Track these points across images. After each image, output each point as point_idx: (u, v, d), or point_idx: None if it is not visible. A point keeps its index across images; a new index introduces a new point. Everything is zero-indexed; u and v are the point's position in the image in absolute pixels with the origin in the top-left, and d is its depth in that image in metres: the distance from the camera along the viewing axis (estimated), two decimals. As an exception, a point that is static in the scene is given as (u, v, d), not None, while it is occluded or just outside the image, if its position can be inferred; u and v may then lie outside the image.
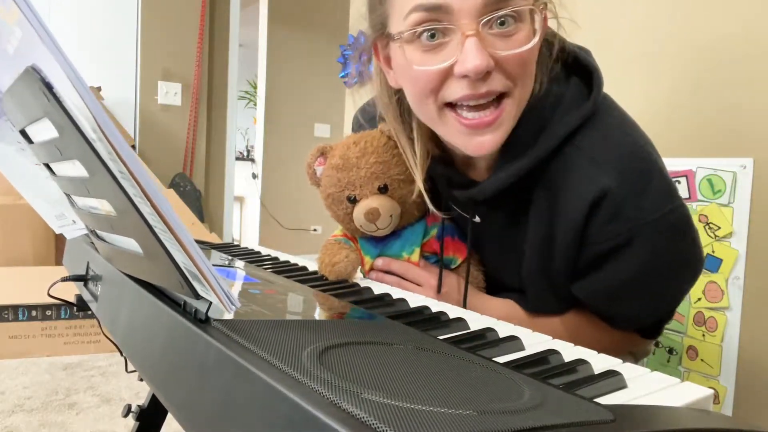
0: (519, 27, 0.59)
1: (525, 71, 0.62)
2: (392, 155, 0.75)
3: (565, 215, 0.66)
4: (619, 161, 0.64)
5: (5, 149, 0.59)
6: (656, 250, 0.65)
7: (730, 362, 1.04)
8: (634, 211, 0.63)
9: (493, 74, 0.60)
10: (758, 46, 1.00)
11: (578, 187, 0.64)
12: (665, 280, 0.68)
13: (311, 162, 0.81)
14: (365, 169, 0.74)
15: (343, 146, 0.78)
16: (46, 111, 0.37)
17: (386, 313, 0.54)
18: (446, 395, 0.31)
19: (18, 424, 1.43)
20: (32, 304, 1.92)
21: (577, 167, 0.65)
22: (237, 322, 0.41)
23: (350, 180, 0.75)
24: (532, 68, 0.63)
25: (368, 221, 0.74)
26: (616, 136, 0.66)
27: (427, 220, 0.79)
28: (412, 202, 0.75)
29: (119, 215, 0.42)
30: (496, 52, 0.59)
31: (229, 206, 3.66)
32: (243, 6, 3.77)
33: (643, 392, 0.38)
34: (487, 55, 0.58)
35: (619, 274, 0.67)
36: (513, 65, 0.60)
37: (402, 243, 0.77)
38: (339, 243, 0.78)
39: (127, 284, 0.53)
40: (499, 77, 0.60)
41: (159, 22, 3.17)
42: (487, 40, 0.58)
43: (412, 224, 0.78)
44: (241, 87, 4.26)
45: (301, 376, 0.31)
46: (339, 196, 0.76)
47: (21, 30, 0.30)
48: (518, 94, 0.62)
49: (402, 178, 0.75)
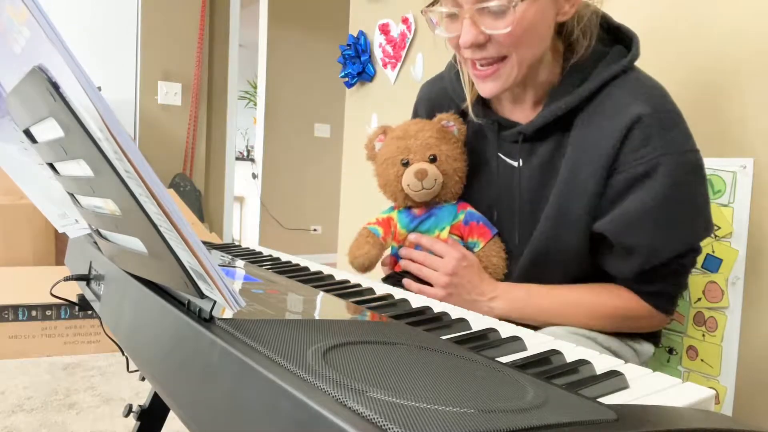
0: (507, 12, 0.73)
1: (518, 41, 0.75)
2: (444, 136, 0.89)
3: (599, 146, 0.76)
4: (654, 96, 0.76)
5: (9, 149, 0.60)
6: (677, 182, 0.73)
7: (730, 362, 1.04)
8: (661, 141, 0.73)
9: (487, 45, 0.76)
10: (759, 46, 1.00)
11: (615, 114, 0.76)
12: (682, 213, 0.76)
13: (372, 138, 0.94)
14: (422, 139, 0.88)
15: (404, 124, 0.93)
16: (51, 111, 0.37)
17: (389, 313, 0.54)
18: (451, 394, 0.31)
19: (18, 424, 1.43)
20: (32, 304, 1.92)
21: (615, 98, 0.77)
22: (241, 321, 0.41)
23: (407, 146, 0.88)
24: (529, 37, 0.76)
25: (417, 179, 0.85)
26: (650, 81, 0.80)
27: (458, 206, 0.90)
28: (453, 179, 0.88)
29: (124, 214, 0.42)
30: (487, 30, 0.75)
31: (229, 206, 3.66)
32: (243, 6, 3.77)
33: (645, 392, 0.39)
34: (476, 32, 0.75)
35: (640, 201, 0.74)
36: (503, 39, 0.75)
37: (435, 221, 0.88)
38: (369, 234, 0.90)
39: (130, 283, 0.53)
40: (493, 47, 0.76)
41: (159, 22, 3.17)
42: (481, 20, 0.75)
43: (447, 206, 0.89)
44: (241, 87, 4.26)
45: (307, 375, 0.31)
46: (395, 160, 0.88)
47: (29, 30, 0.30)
48: (515, 57, 0.77)
49: (450, 155, 0.88)
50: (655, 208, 0.74)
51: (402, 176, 0.87)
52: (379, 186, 0.92)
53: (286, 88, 4.38)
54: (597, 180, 0.76)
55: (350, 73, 2.15)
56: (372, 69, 2.10)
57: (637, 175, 0.74)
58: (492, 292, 0.82)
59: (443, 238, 0.87)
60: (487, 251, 0.87)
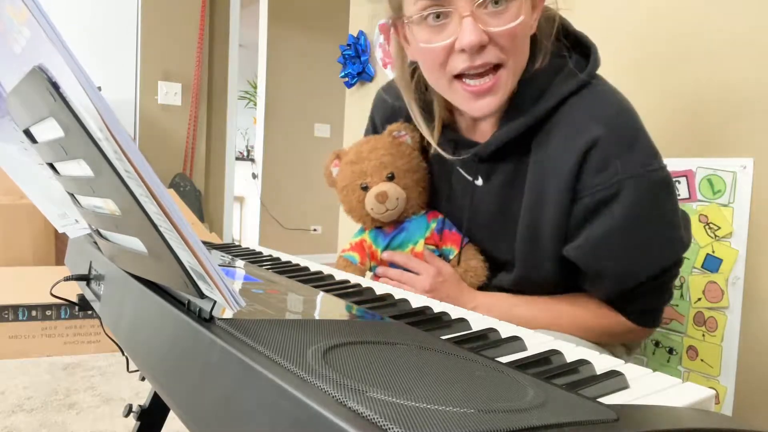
0: (509, 6, 0.70)
1: (516, 44, 0.72)
2: (397, 151, 0.87)
3: (558, 170, 0.73)
4: (609, 116, 0.72)
5: (8, 148, 0.60)
6: (643, 203, 0.71)
7: (730, 362, 1.04)
8: (622, 163, 0.70)
9: (487, 48, 0.71)
10: (759, 45, 1.00)
11: (570, 138, 0.73)
12: (650, 235, 0.73)
13: (328, 164, 0.94)
14: (375, 160, 0.86)
15: (355, 146, 0.90)
16: (51, 111, 0.37)
17: (389, 313, 0.54)
18: (451, 394, 0.31)
19: (18, 424, 1.43)
20: (32, 304, 1.92)
21: (570, 122, 0.74)
22: (241, 321, 0.41)
23: (362, 170, 0.87)
24: (524, 42, 0.74)
25: (378, 202, 0.84)
26: (608, 98, 0.75)
27: (428, 216, 0.89)
28: (415, 191, 0.87)
29: (124, 214, 0.42)
30: (489, 29, 0.70)
31: (229, 206, 3.66)
32: (243, 6, 3.77)
33: (645, 392, 0.39)
34: (481, 31, 0.69)
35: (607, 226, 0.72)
36: (505, 39, 0.71)
37: (407, 235, 0.88)
38: (347, 264, 0.91)
39: (130, 283, 0.53)
40: (493, 50, 0.71)
41: (159, 22, 3.17)
42: (481, 19, 0.70)
43: (416, 218, 0.89)
44: (241, 87, 4.27)
45: (307, 375, 0.31)
46: (353, 185, 0.87)
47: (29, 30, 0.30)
48: (512, 65, 0.73)
49: (406, 169, 0.86)
50: (621, 233, 0.72)
51: (364, 201, 0.86)
52: (345, 212, 0.92)
53: (286, 88, 4.38)
54: (561, 206, 0.74)
55: (350, 73, 2.15)
56: (372, 69, 2.10)
57: (600, 201, 0.71)
58: (471, 302, 0.81)
59: (418, 251, 0.86)
60: (465, 255, 0.86)
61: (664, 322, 1.15)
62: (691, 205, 1.10)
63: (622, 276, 0.74)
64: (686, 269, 1.11)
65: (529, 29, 0.74)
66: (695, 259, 1.09)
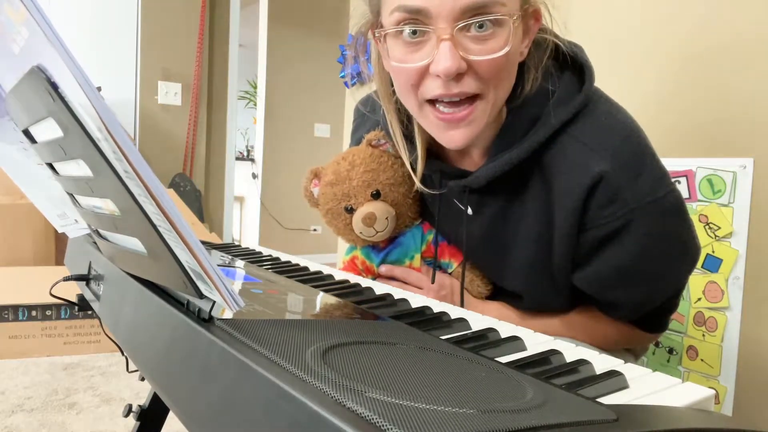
0: (496, 32, 0.62)
1: (499, 75, 0.64)
2: (379, 163, 0.80)
3: (563, 202, 0.68)
4: (613, 146, 0.66)
5: (7, 149, 0.60)
6: (654, 233, 0.67)
7: (730, 362, 1.04)
8: (630, 194, 0.65)
9: (466, 76, 0.63)
10: (759, 46, 1.00)
11: (574, 174, 0.67)
12: (664, 264, 0.70)
13: (307, 185, 0.86)
14: (357, 179, 0.79)
15: (333, 164, 0.83)
16: (50, 111, 0.37)
17: (388, 313, 0.54)
18: (450, 394, 0.31)
19: (18, 424, 1.43)
20: (32, 304, 1.92)
21: (572, 154, 0.67)
22: (240, 321, 0.41)
23: (345, 192, 0.79)
24: (508, 72, 0.66)
25: (366, 226, 0.78)
26: (609, 123, 0.68)
27: (423, 227, 0.83)
28: (405, 203, 0.80)
29: (123, 215, 0.42)
30: (469, 56, 0.62)
31: (229, 206, 3.66)
32: (243, 6, 3.77)
33: (644, 392, 0.38)
34: (459, 58, 0.61)
35: (618, 259, 0.68)
36: (486, 69, 0.63)
37: (403, 250, 0.82)
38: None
39: (129, 284, 0.53)
40: (472, 80, 0.63)
41: (159, 22, 3.17)
42: (462, 44, 0.61)
43: (410, 230, 0.83)
44: (241, 87, 4.26)
45: (306, 375, 0.31)
46: (337, 209, 0.81)
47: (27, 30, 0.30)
48: (492, 96, 0.66)
49: (392, 182, 0.79)
50: (633, 265, 0.68)
51: (351, 224, 0.80)
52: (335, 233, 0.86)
53: (286, 88, 4.38)
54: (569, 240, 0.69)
55: (350, 73, 2.15)
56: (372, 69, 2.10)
57: (609, 233, 0.67)
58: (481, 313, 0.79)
59: (416, 267, 0.82)
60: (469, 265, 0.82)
61: (664, 322, 1.15)
62: (691, 205, 1.10)
63: (638, 305, 0.73)
64: (686, 269, 1.11)
65: (518, 57, 0.67)
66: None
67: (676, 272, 0.73)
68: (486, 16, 0.61)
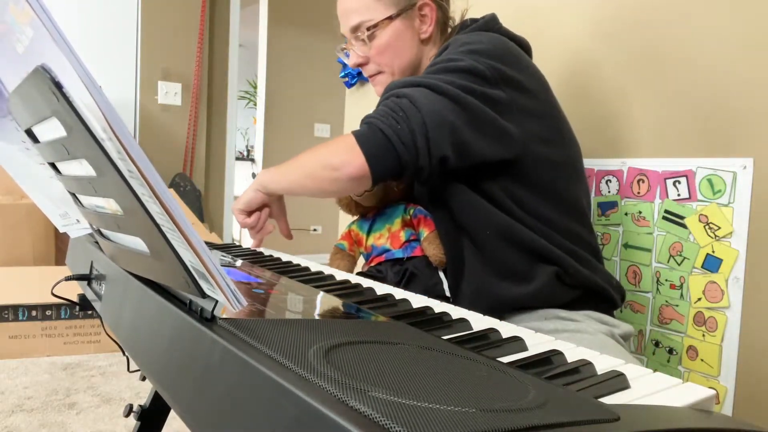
0: (374, 35, 0.98)
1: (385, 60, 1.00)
2: None
3: None
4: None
5: (9, 148, 0.60)
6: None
7: (730, 362, 1.04)
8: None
9: (367, 64, 1.02)
10: (759, 45, 1.00)
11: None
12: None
13: None
14: None
15: None
16: (54, 110, 0.37)
17: (389, 313, 0.54)
18: (452, 394, 0.31)
19: (18, 424, 1.43)
20: (32, 304, 1.92)
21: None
22: (243, 320, 0.41)
23: None
24: (390, 56, 1.00)
25: None
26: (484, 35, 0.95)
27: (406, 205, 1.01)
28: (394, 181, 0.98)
29: (126, 214, 0.42)
30: (360, 55, 1.02)
31: (229, 206, 3.66)
32: (243, 6, 3.77)
33: (645, 392, 0.39)
34: (356, 56, 1.02)
35: None
36: (375, 59, 1.00)
37: (386, 218, 1.01)
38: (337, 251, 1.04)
39: (131, 283, 0.53)
40: (371, 66, 1.02)
41: (159, 22, 3.17)
42: (358, 46, 1.01)
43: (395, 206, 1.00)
44: (241, 87, 4.26)
45: (308, 374, 0.31)
46: None
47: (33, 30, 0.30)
48: (389, 70, 1.01)
49: None
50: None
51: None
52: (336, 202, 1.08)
53: (286, 88, 4.38)
54: None
55: (350, 73, 2.15)
56: (372, 69, 2.10)
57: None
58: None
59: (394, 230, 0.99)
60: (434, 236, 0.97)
61: (664, 321, 1.15)
62: (691, 205, 1.10)
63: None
64: (686, 269, 1.11)
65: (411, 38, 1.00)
66: (695, 258, 1.09)
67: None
68: (361, 32, 0.99)
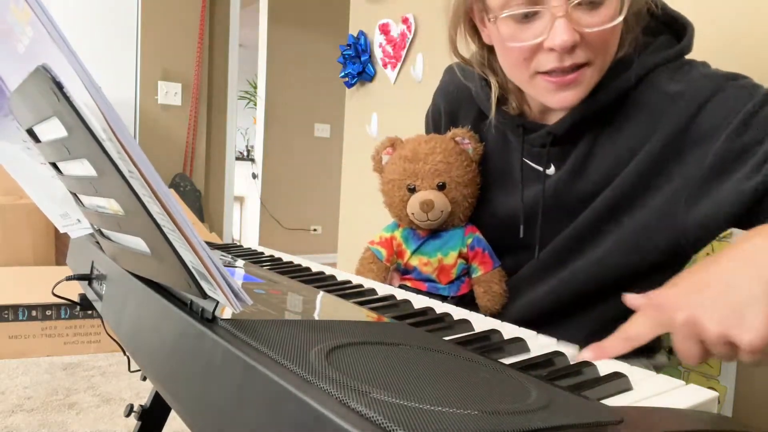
0: (606, 3, 0.66)
1: (607, 44, 0.69)
2: (456, 159, 0.83)
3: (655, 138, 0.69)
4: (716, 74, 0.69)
5: (10, 148, 0.60)
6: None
7: (730, 362, 1.04)
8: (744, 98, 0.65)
9: (578, 48, 0.67)
10: (759, 45, 1.00)
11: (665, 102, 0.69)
12: None
13: (380, 149, 0.89)
14: (431, 165, 0.82)
15: (414, 141, 0.86)
16: (55, 110, 0.37)
17: (391, 314, 0.54)
18: (454, 395, 0.31)
19: (18, 424, 1.43)
20: (32, 304, 1.92)
21: (659, 87, 0.70)
22: (244, 321, 0.41)
23: (415, 171, 0.82)
24: (615, 40, 0.70)
25: (422, 211, 0.81)
26: (709, 70, 0.71)
27: (465, 230, 0.85)
28: (463, 205, 0.83)
29: (127, 214, 0.42)
30: (582, 29, 0.65)
31: (229, 206, 3.66)
32: (243, 6, 3.77)
33: (648, 394, 0.38)
34: (573, 32, 0.65)
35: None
36: (597, 40, 0.67)
37: (440, 243, 0.84)
38: (373, 259, 0.86)
39: (132, 283, 0.53)
40: (583, 51, 0.67)
41: (159, 22, 3.17)
42: (574, 18, 0.65)
43: (454, 230, 0.85)
44: (241, 87, 4.26)
45: (310, 375, 0.31)
46: (400, 183, 0.84)
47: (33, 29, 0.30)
48: (599, 63, 0.69)
49: (460, 181, 0.82)
50: None
51: (407, 202, 0.83)
52: (384, 204, 0.88)
53: (286, 88, 4.38)
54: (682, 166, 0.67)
55: (350, 73, 2.15)
56: (372, 69, 2.10)
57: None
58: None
59: (447, 263, 0.84)
60: (489, 278, 0.83)
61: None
62: (691, 206, 1.10)
63: None
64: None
65: (620, 28, 0.70)
66: (695, 258, 1.09)
67: None
68: None
